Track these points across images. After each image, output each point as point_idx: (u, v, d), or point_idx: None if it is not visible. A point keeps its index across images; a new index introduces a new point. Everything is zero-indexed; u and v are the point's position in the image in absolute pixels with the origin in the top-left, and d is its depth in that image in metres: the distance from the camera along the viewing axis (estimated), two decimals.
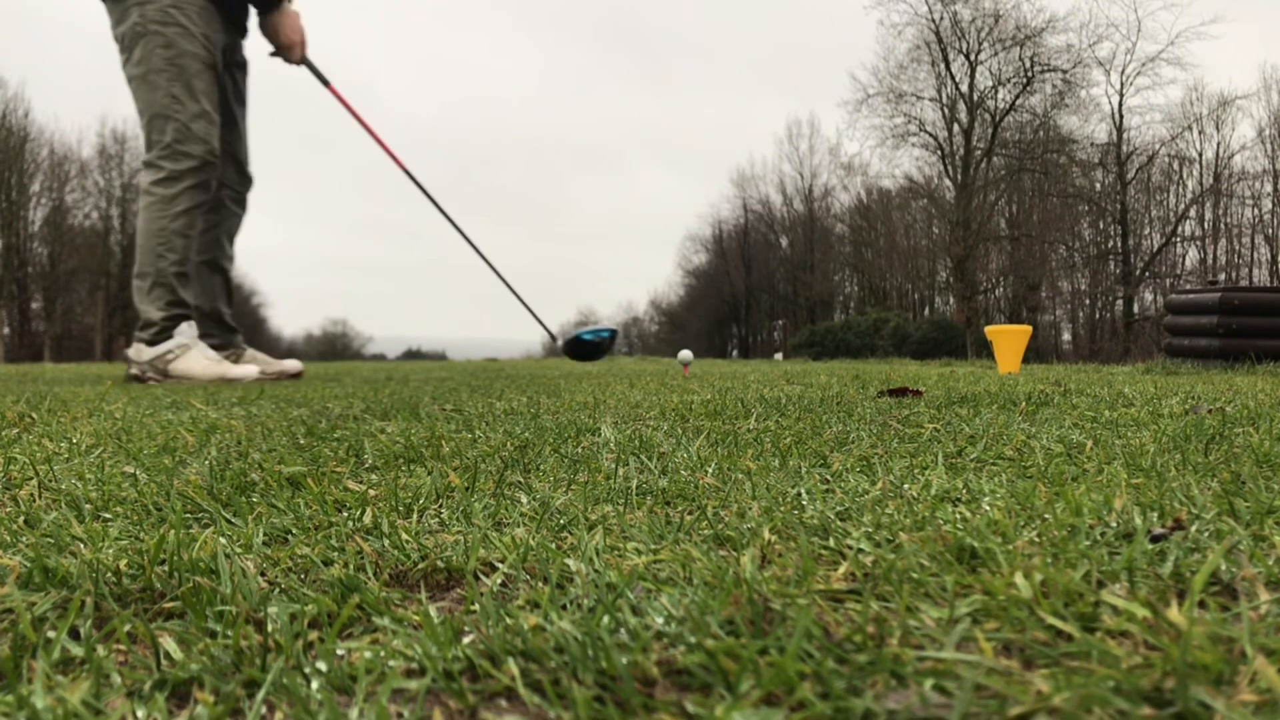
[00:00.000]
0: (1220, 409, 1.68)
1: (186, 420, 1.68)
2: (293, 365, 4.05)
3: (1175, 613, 0.47)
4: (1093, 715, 0.38)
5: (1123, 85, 26.88)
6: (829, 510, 0.77)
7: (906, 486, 0.88)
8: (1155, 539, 0.65)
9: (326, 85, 4.03)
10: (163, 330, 3.53)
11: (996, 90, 27.16)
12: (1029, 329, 4.60)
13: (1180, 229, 27.02)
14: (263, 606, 0.53)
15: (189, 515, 0.82)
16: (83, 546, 0.68)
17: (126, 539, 0.71)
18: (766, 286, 38.88)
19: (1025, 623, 0.48)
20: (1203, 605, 0.52)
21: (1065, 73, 26.47)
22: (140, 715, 0.41)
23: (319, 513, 0.80)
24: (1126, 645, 0.45)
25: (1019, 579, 0.53)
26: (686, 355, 4.92)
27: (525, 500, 0.85)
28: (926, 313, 31.76)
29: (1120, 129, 26.98)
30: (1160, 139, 27.31)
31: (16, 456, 1.18)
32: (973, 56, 26.92)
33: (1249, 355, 5.20)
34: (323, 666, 0.45)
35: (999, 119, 27.02)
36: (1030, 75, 26.58)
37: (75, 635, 0.51)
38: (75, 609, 0.52)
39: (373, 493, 0.89)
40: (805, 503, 0.81)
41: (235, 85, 3.90)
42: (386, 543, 0.68)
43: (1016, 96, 26.92)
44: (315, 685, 0.43)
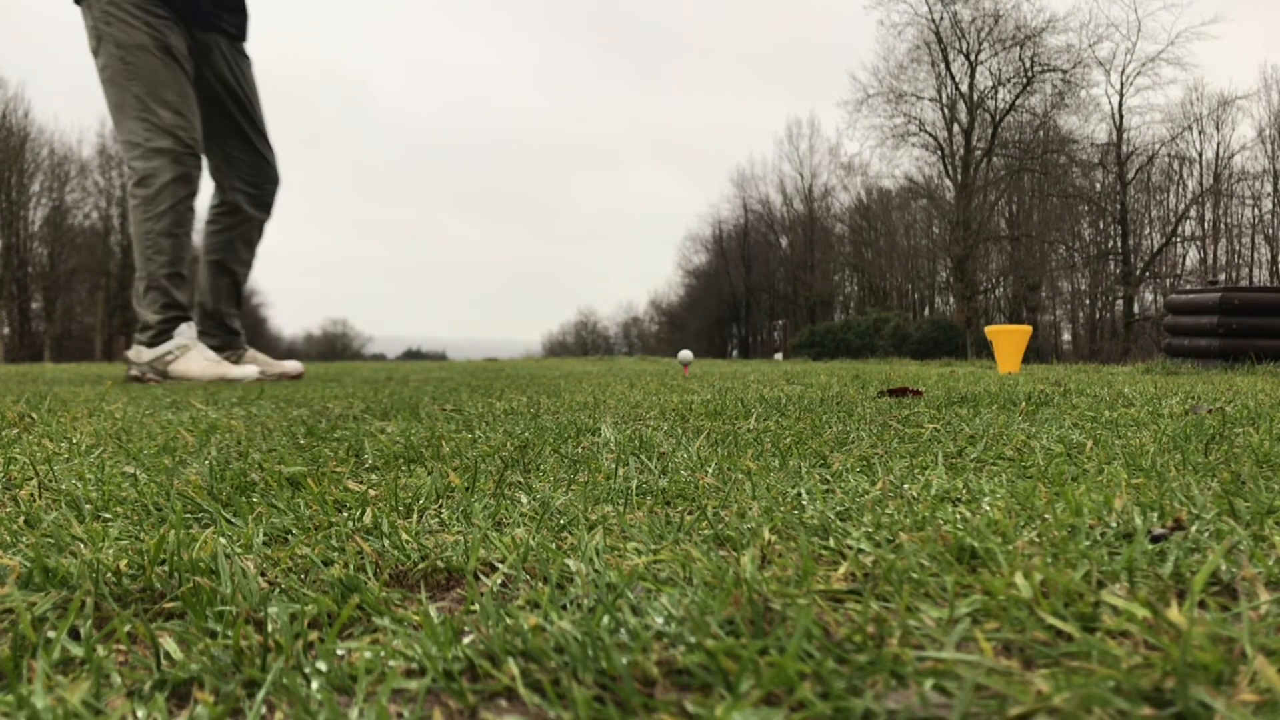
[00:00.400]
0: (1220, 409, 1.68)
1: (186, 420, 1.68)
2: (293, 366, 4.05)
3: (1175, 613, 0.47)
4: (1093, 715, 0.38)
5: (1123, 85, 26.88)
6: (829, 510, 0.77)
7: (906, 486, 0.88)
8: (1155, 539, 0.65)
9: None
10: (160, 333, 3.55)
11: (996, 90, 27.15)
12: (1029, 329, 4.60)
13: (1180, 229, 27.03)
14: (263, 606, 0.53)
15: (189, 515, 0.82)
16: (83, 546, 0.68)
17: (126, 539, 0.71)
18: (766, 286, 38.87)
19: (1025, 623, 0.48)
20: (1203, 605, 0.52)
21: (1065, 73, 26.46)
22: (140, 715, 0.41)
23: (319, 513, 0.80)
24: (1126, 645, 0.45)
25: (1019, 579, 0.53)
26: (686, 355, 4.91)
27: (525, 500, 0.85)
28: (926, 313, 31.75)
29: (1120, 129, 26.98)
30: (1160, 139, 27.31)
31: (16, 456, 1.18)
32: (973, 56, 26.91)
33: (1249, 355, 5.20)
34: (323, 666, 0.45)
35: (999, 119, 27.01)
36: (1030, 75, 26.58)
37: (75, 635, 0.51)
38: (75, 609, 0.52)
39: (373, 493, 0.89)
40: (805, 503, 0.81)
41: (233, 90, 3.82)
42: (386, 543, 0.68)
43: (1016, 96, 26.91)
44: (315, 685, 0.43)
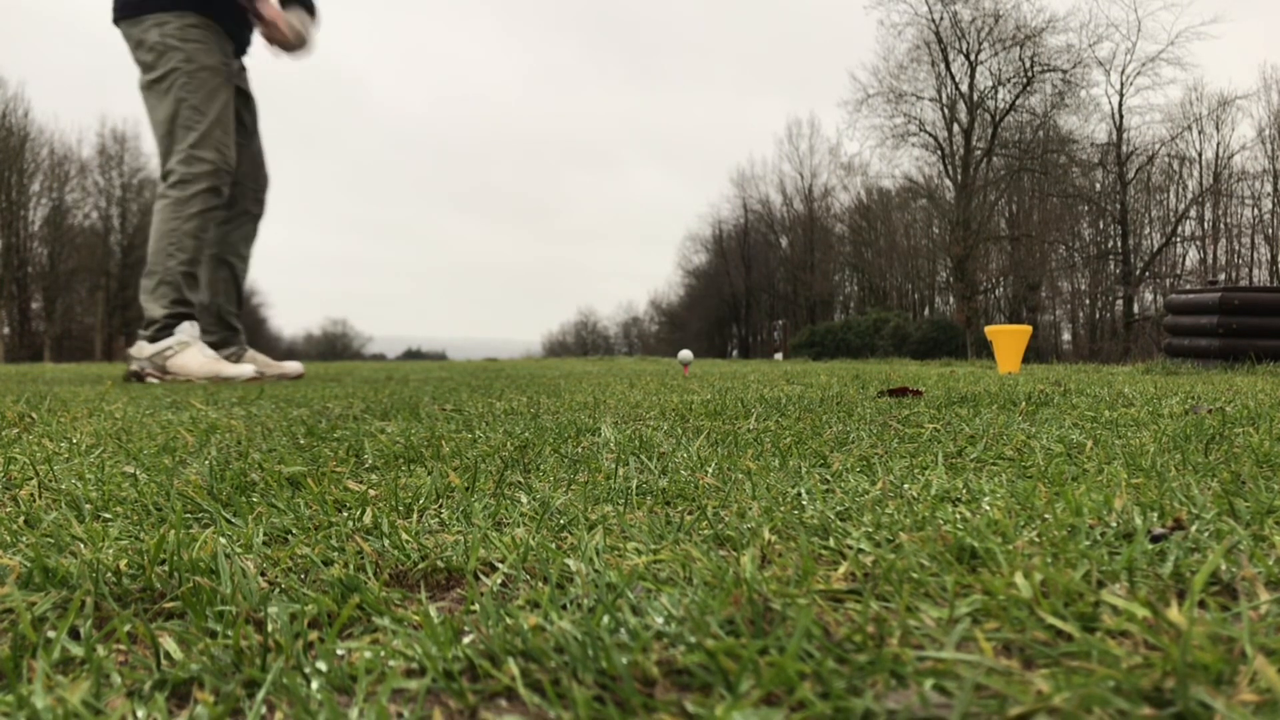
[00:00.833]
0: (1220, 409, 1.68)
1: (186, 420, 1.68)
2: (293, 368, 4.05)
3: (1175, 613, 0.47)
4: (1093, 715, 0.38)
5: (1123, 85, 26.88)
6: (829, 510, 0.77)
7: (906, 486, 0.88)
8: (1155, 539, 0.65)
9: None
10: (164, 327, 3.59)
11: (996, 90, 27.14)
12: (1029, 329, 4.60)
13: (1180, 229, 27.02)
14: (263, 606, 0.53)
15: (189, 515, 0.82)
16: (83, 546, 0.68)
17: (126, 539, 0.71)
18: (766, 286, 38.85)
19: (1025, 623, 0.48)
20: (1203, 605, 0.52)
21: (1065, 73, 26.46)
22: (140, 715, 0.41)
23: (319, 513, 0.80)
24: (1126, 645, 0.45)
25: (1019, 579, 0.53)
26: (686, 355, 4.91)
27: (525, 500, 0.85)
28: (926, 313, 31.75)
29: (1120, 129, 26.97)
30: (1160, 139, 27.30)
31: (16, 456, 1.18)
32: (973, 56, 26.90)
33: (1249, 355, 5.20)
34: (323, 666, 0.45)
35: (999, 119, 27.00)
36: (1030, 75, 26.57)
37: (75, 635, 0.51)
38: (75, 609, 0.52)
39: (373, 493, 0.89)
40: (805, 503, 0.81)
41: (241, 90, 3.95)
42: (386, 543, 0.68)
43: (1016, 96, 26.90)
44: (315, 685, 0.43)
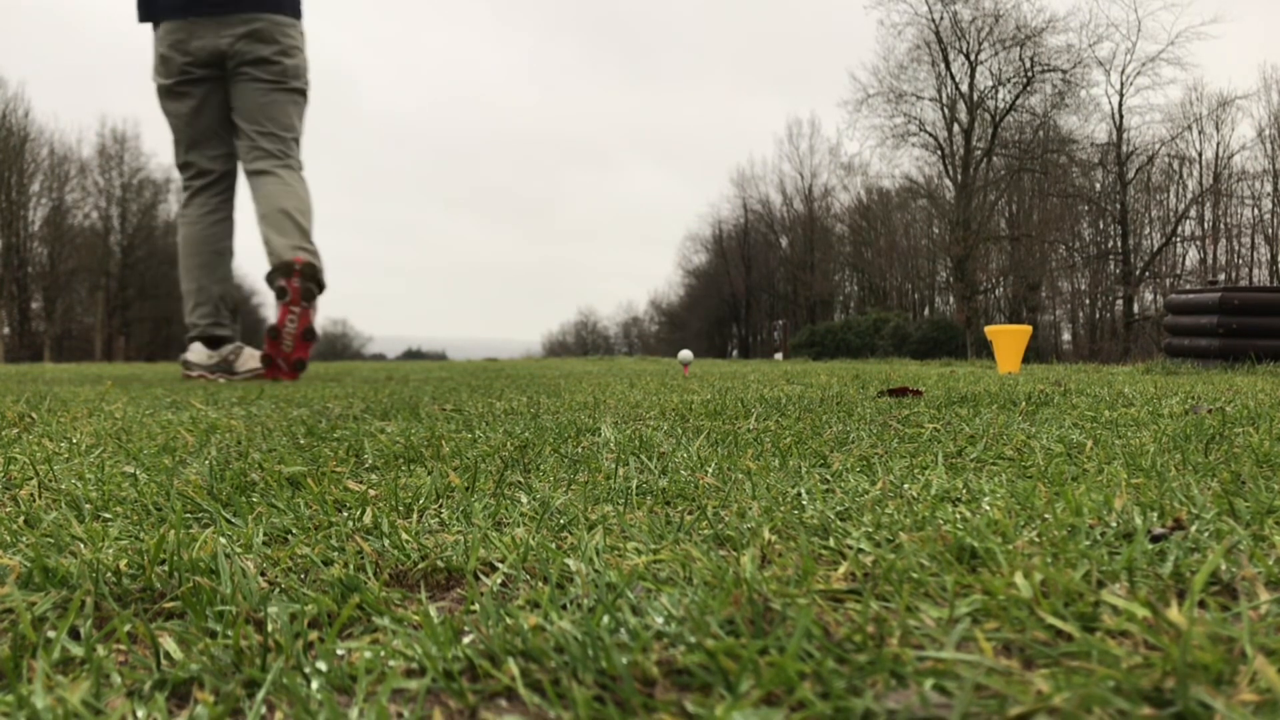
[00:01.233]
0: (1220, 409, 1.68)
1: (186, 420, 1.68)
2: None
3: (1175, 613, 0.47)
4: (1093, 715, 0.38)
5: (1123, 85, 26.86)
6: (829, 510, 0.77)
7: (906, 486, 0.88)
8: (1155, 539, 0.65)
9: None
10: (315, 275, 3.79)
11: (996, 90, 27.12)
12: (1029, 329, 4.60)
13: (1180, 229, 27.00)
14: (263, 606, 0.53)
15: (189, 515, 0.82)
16: (83, 546, 0.68)
17: (126, 539, 0.71)
18: (766, 286, 38.83)
19: (1025, 623, 0.48)
20: (1203, 605, 0.52)
21: (1065, 73, 26.44)
22: (140, 715, 0.41)
23: (319, 513, 0.80)
24: (1126, 645, 0.45)
25: (1019, 579, 0.53)
26: (686, 355, 4.92)
27: (525, 500, 0.85)
28: (926, 313, 31.73)
29: (1120, 129, 26.95)
30: (1160, 139, 27.27)
31: (16, 456, 1.18)
32: (973, 56, 26.89)
33: (1249, 355, 5.20)
34: (323, 666, 0.45)
35: (999, 119, 26.98)
36: (1030, 75, 26.55)
37: (75, 635, 0.51)
38: (75, 609, 0.52)
39: (373, 493, 0.89)
40: (805, 503, 0.81)
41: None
42: (386, 543, 0.68)
43: (1016, 96, 26.89)
44: (315, 685, 0.43)
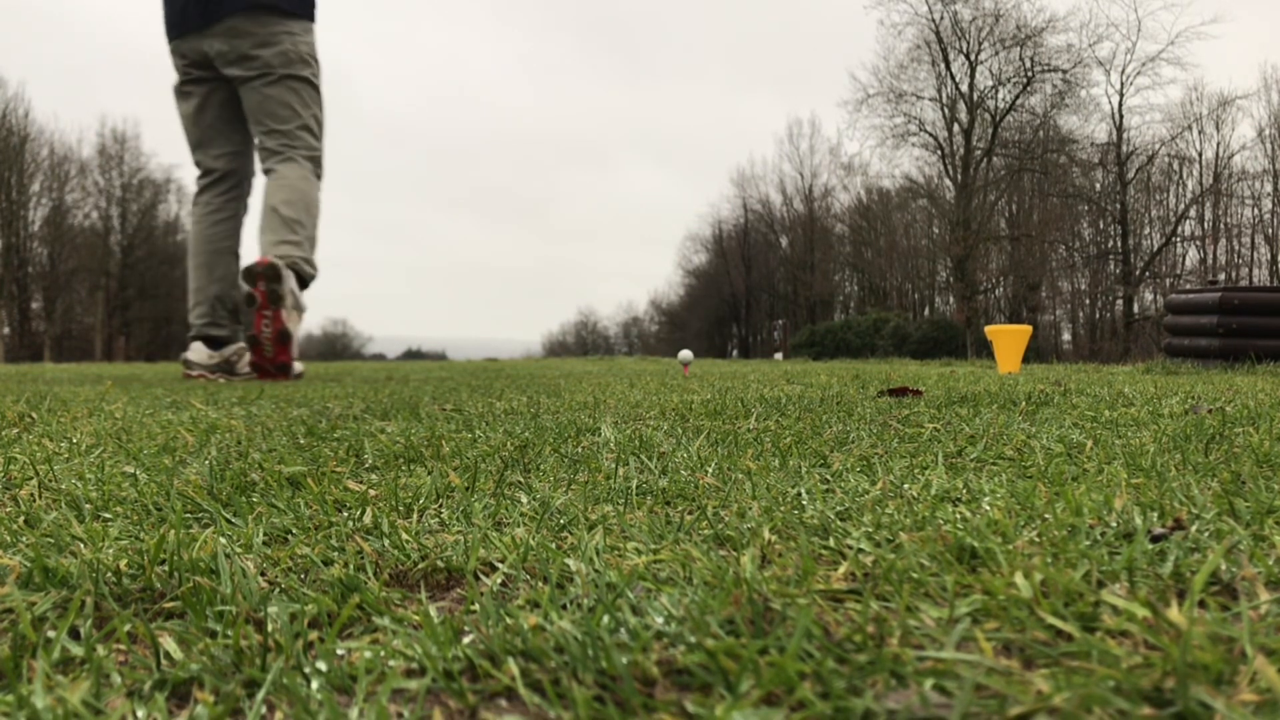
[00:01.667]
0: (1220, 409, 1.68)
1: (186, 420, 1.68)
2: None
3: (1175, 613, 0.47)
4: (1093, 715, 0.38)
5: (1123, 85, 26.85)
6: (829, 510, 0.77)
7: (906, 486, 0.88)
8: (1155, 539, 0.65)
9: None
10: (306, 273, 3.78)
11: (996, 90, 27.11)
12: (1029, 329, 4.61)
13: (1180, 229, 26.99)
14: (263, 606, 0.53)
15: (189, 515, 0.82)
16: (83, 546, 0.68)
17: (126, 539, 0.71)
18: (766, 286, 38.83)
19: (1025, 623, 0.48)
20: (1203, 605, 0.52)
21: (1065, 73, 26.43)
22: (140, 715, 0.41)
23: (319, 513, 0.80)
24: (1126, 645, 0.45)
25: (1019, 579, 0.53)
26: (686, 355, 4.92)
27: (525, 500, 0.85)
28: (926, 313, 31.72)
29: (1120, 129, 26.94)
30: (1160, 139, 27.26)
31: (16, 456, 1.18)
32: (973, 56, 26.88)
33: (1249, 355, 5.20)
34: (323, 666, 0.45)
35: (999, 119, 26.98)
36: (1030, 75, 26.54)
37: (75, 635, 0.51)
38: (75, 609, 0.52)
39: (373, 493, 0.89)
40: (805, 503, 0.81)
41: None
42: (386, 543, 0.68)
43: (1016, 96, 26.88)
44: (315, 685, 0.43)
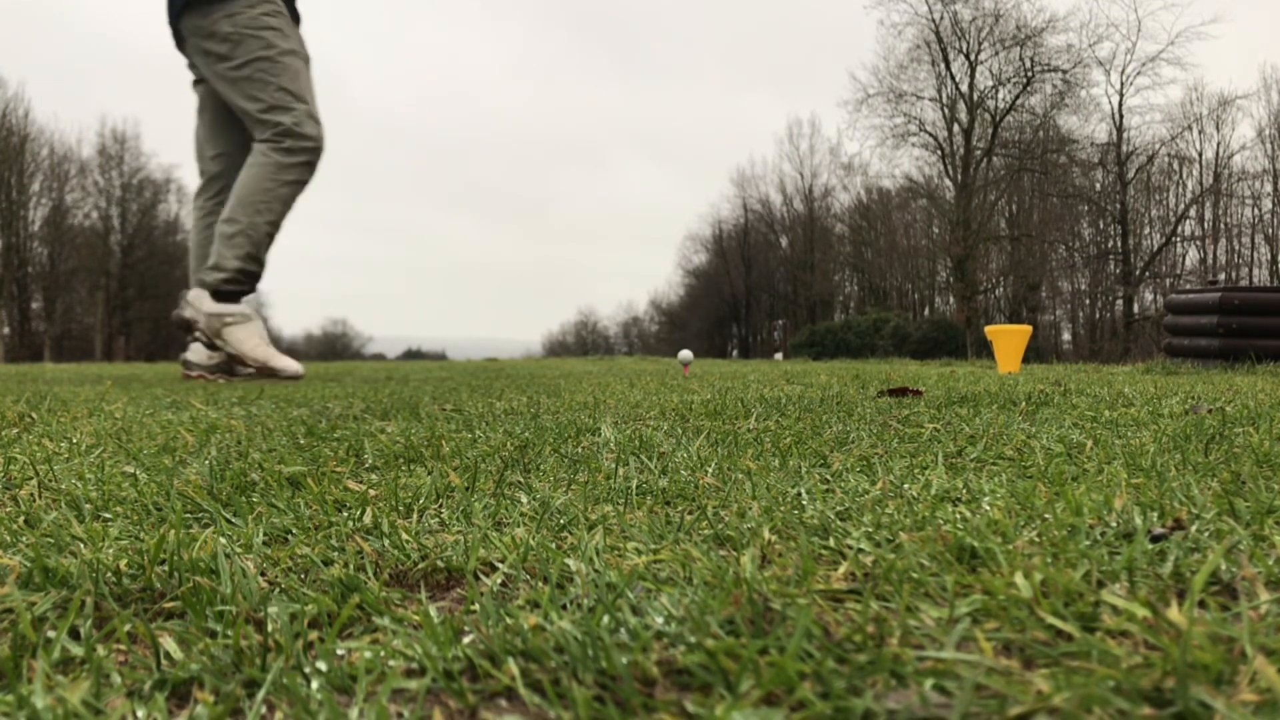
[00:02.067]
0: (1220, 409, 1.68)
1: (186, 420, 1.68)
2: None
3: (1175, 613, 0.47)
4: (1093, 715, 0.38)
5: (1123, 85, 26.87)
6: (829, 510, 0.77)
7: (906, 486, 0.88)
8: (1155, 539, 0.65)
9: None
10: (230, 279, 3.49)
11: (996, 90, 27.12)
12: (1029, 329, 4.61)
13: (1180, 229, 27.01)
14: (263, 606, 0.53)
15: (189, 515, 0.82)
16: (83, 546, 0.68)
17: (126, 539, 0.71)
18: (766, 286, 38.83)
19: (1025, 623, 0.48)
20: (1203, 605, 0.52)
21: (1065, 73, 26.44)
22: (140, 715, 0.41)
23: (319, 513, 0.80)
24: (1126, 645, 0.45)
25: (1019, 579, 0.53)
26: (686, 355, 4.92)
27: (525, 500, 0.85)
28: (926, 313, 31.72)
29: (1120, 129, 26.95)
30: (1160, 139, 27.28)
31: (16, 456, 1.18)
32: (973, 56, 26.89)
33: (1249, 355, 5.20)
34: (323, 666, 0.45)
35: (999, 119, 26.99)
36: (1030, 75, 26.55)
37: (75, 635, 0.51)
38: (75, 609, 0.52)
39: (373, 493, 0.89)
40: (805, 503, 0.81)
41: None
42: (386, 543, 0.68)
43: (1016, 96, 26.89)
44: (315, 685, 0.43)
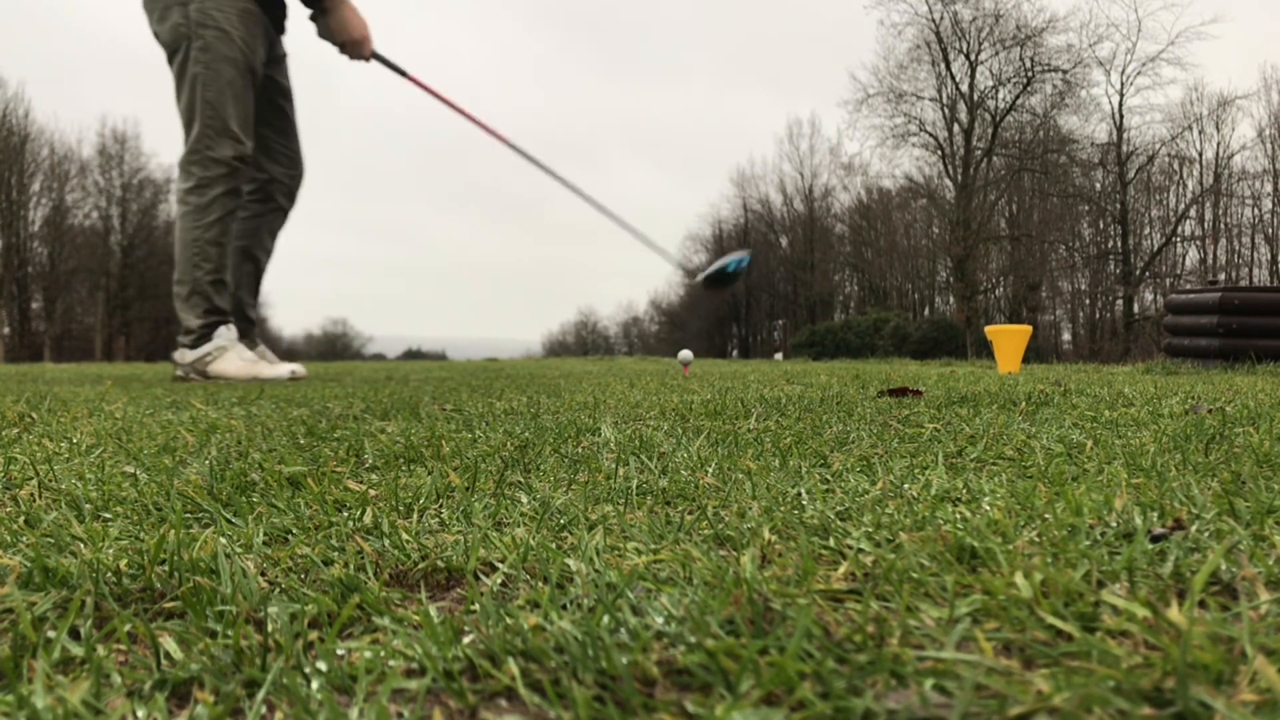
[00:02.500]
0: (1220, 409, 1.68)
1: (186, 420, 1.68)
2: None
3: (1175, 613, 0.47)
4: (1093, 715, 0.38)
5: (1123, 85, 26.87)
6: (829, 510, 0.77)
7: (906, 486, 0.88)
8: (1155, 539, 0.65)
9: (404, 75, 3.95)
10: (201, 336, 3.68)
11: (997, 90, 27.12)
12: (1029, 329, 4.60)
13: (1180, 229, 27.02)
14: (263, 606, 0.53)
15: (189, 515, 0.82)
16: (83, 546, 0.68)
17: (126, 539, 0.71)
18: (766, 286, 38.81)
19: (1025, 623, 0.48)
20: (1203, 605, 0.52)
21: (1065, 73, 26.44)
22: (140, 715, 0.41)
23: (319, 513, 0.80)
24: (1126, 645, 0.45)
25: (1019, 579, 0.53)
26: (686, 355, 4.92)
27: (525, 500, 0.85)
28: (926, 313, 31.72)
29: (1120, 129, 26.96)
30: (1160, 139, 27.29)
31: (16, 456, 1.18)
32: (973, 56, 26.89)
33: (1249, 355, 5.20)
34: (323, 666, 0.45)
35: (999, 119, 26.99)
36: (1030, 75, 26.56)
37: (75, 635, 0.51)
38: (75, 609, 0.52)
39: (373, 493, 0.89)
40: (805, 503, 0.81)
41: (279, 82, 3.95)
42: (386, 543, 0.68)
43: (1016, 96, 26.89)
44: (315, 685, 0.43)
